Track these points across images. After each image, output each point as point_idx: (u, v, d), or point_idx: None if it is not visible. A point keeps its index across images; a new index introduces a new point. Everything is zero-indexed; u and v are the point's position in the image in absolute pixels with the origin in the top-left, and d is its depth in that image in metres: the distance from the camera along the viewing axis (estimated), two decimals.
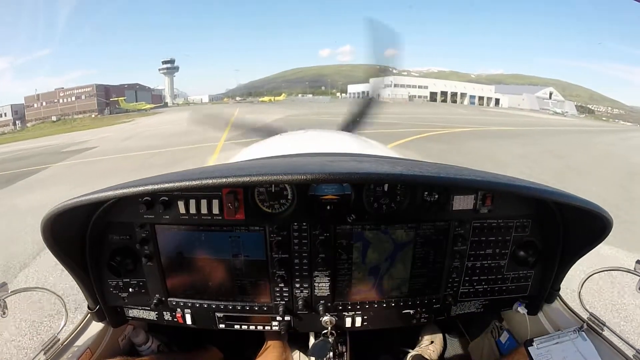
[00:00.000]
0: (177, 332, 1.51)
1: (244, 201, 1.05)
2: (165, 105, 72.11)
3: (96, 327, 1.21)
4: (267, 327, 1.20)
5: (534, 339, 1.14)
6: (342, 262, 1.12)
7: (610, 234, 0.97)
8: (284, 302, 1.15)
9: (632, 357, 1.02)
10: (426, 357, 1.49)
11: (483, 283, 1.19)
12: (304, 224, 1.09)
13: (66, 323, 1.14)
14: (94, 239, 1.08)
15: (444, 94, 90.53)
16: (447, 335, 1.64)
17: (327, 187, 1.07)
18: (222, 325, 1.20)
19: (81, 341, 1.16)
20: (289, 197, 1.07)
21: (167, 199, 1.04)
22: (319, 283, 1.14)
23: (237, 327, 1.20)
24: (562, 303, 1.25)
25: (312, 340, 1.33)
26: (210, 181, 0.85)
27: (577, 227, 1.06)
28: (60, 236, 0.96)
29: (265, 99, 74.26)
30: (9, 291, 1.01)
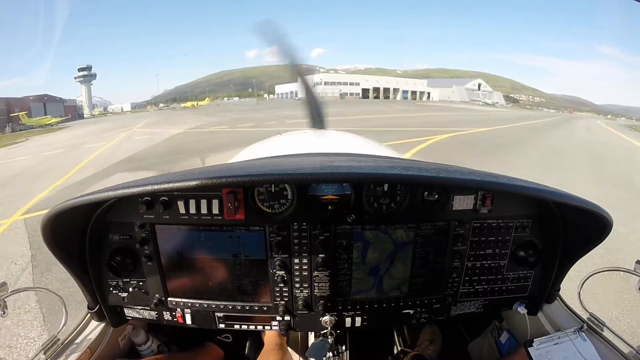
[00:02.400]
0: (177, 331, 1.51)
1: (243, 201, 1.05)
2: (81, 116, 62.69)
3: (96, 326, 1.21)
4: (267, 327, 1.20)
5: (534, 339, 1.14)
6: (342, 262, 1.12)
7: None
8: (283, 302, 1.15)
9: (632, 358, 1.03)
10: (426, 357, 1.49)
11: (483, 283, 1.19)
12: (304, 224, 1.09)
13: (66, 323, 1.14)
14: (93, 239, 1.08)
15: (376, 90, 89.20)
16: (447, 335, 1.64)
17: (327, 187, 1.06)
18: (222, 325, 1.20)
19: (81, 341, 1.16)
20: (289, 197, 1.07)
21: (167, 199, 1.04)
22: (318, 283, 1.14)
23: (237, 327, 1.20)
24: (562, 303, 1.25)
25: (312, 340, 1.33)
26: (210, 181, 0.85)
27: (577, 227, 1.05)
28: (60, 236, 0.96)
29: (188, 104, 66.65)
30: (9, 291, 1.02)
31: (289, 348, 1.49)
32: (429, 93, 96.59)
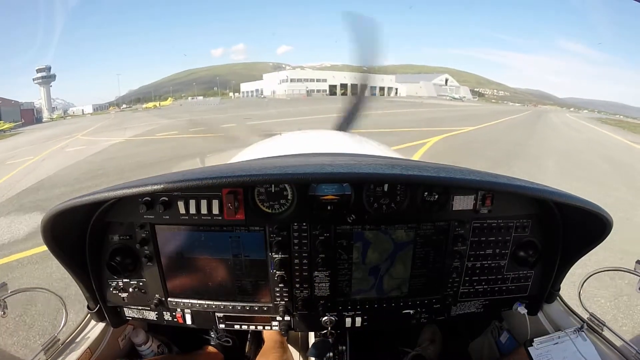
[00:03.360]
0: (177, 332, 1.52)
1: (244, 201, 1.05)
2: (40, 120, 56.61)
3: (96, 327, 1.21)
4: (267, 327, 1.20)
5: (534, 339, 1.14)
6: (342, 262, 1.12)
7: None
8: (284, 302, 1.15)
9: (632, 358, 1.03)
10: (426, 357, 1.49)
11: (483, 283, 1.19)
12: (304, 224, 1.09)
13: (66, 323, 1.14)
14: (94, 239, 1.08)
15: (343, 86, 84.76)
16: (447, 335, 1.64)
17: (327, 187, 1.06)
18: (222, 326, 1.20)
19: (81, 341, 1.16)
20: (289, 197, 1.07)
21: (167, 199, 1.04)
22: (319, 283, 1.14)
23: (237, 327, 1.20)
24: (562, 303, 1.25)
25: (312, 340, 1.33)
26: (210, 181, 0.85)
27: (577, 227, 1.05)
28: (60, 236, 0.96)
29: (150, 105, 61.52)
30: (9, 291, 1.02)
31: (289, 346, 1.49)
32: (397, 89, 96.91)
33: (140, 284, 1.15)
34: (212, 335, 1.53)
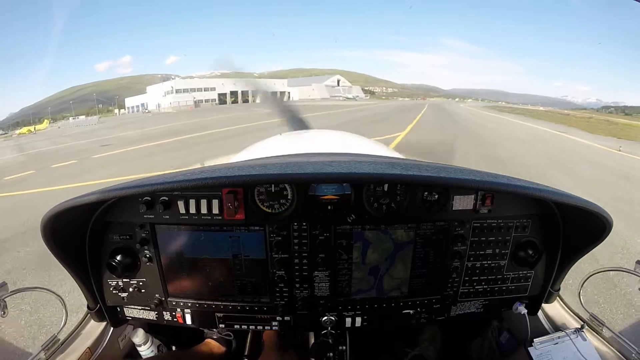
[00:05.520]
0: (177, 331, 1.51)
1: (244, 201, 1.05)
2: None
3: (96, 326, 1.21)
4: (267, 327, 1.20)
5: (534, 339, 1.14)
6: (342, 262, 1.12)
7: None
8: (283, 302, 1.15)
9: (632, 358, 1.03)
10: (426, 357, 1.49)
11: (483, 283, 1.19)
12: (304, 224, 1.09)
13: (66, 323, 1.14)
14: (93, 239, 1.08)
15: (233, 94, 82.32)
16: (447, 335, 1.64)
17: (327, 187, 1.06)
18: (222, 325, 1.20)
19: (81, 341, 1.16)
20: (289, 197, 1.07)
21: (167, 198, 1.04)
22: (318, 283, 1.14)
23: (237, 327, 1.20)
24: (562, 303, 1.25)
25: (312, 340, 1.33)
26: (210, 181, 0.85)
27: (576, 227, 1.06)
28: (60, 236, 0.96)
29: (24, 130, 46.66)
30: (9, 291, 1.02)
31: (289, 346, 1.49)
32: (289, 93, 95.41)
33: (140, 283, 1.15)
34: (213, 330, 1.53)
